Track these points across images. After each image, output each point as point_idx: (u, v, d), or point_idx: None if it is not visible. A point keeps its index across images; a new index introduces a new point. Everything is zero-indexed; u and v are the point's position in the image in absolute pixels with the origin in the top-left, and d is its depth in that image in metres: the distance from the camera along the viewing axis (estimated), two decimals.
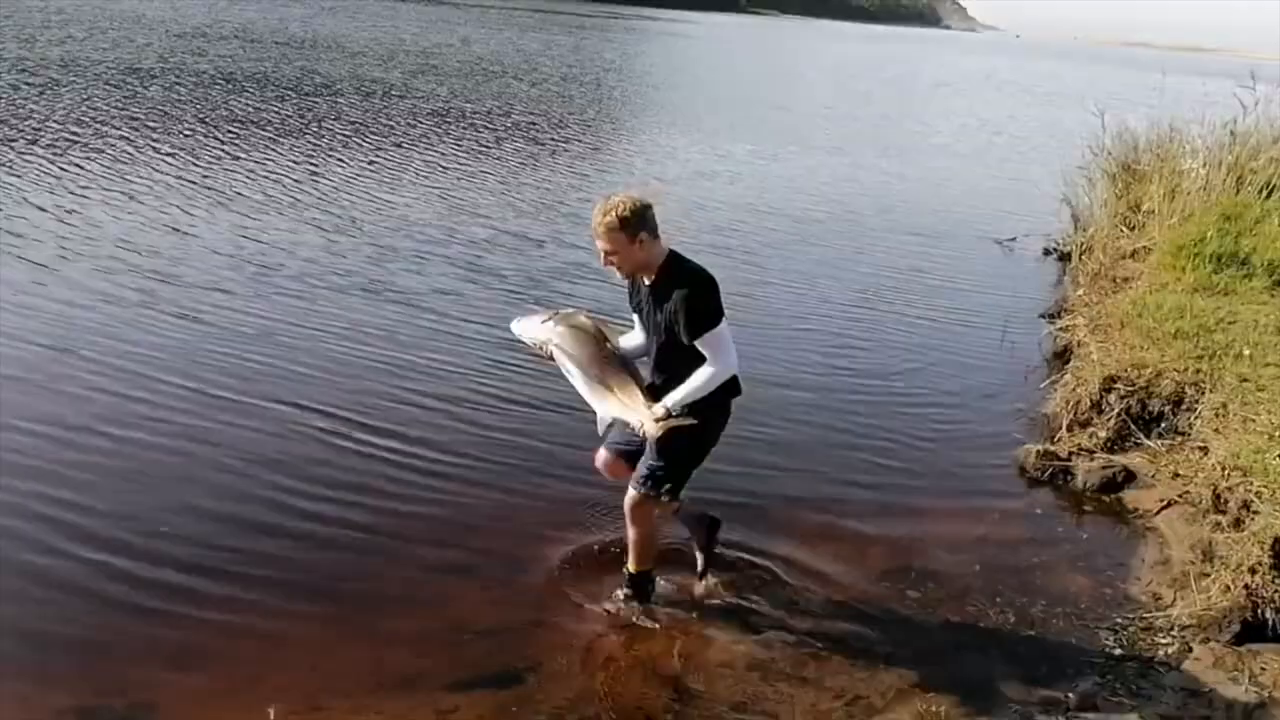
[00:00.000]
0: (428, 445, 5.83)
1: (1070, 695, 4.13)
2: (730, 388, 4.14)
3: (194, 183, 12.03)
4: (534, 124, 19.85)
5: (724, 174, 16.19)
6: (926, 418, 7.07)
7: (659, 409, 4.00)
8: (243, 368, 6.71)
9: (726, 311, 4.04)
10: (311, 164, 13.85)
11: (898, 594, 4.85)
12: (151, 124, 15.47)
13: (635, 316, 4.30)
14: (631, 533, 4.39)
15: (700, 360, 3.99)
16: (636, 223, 3.91)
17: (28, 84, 18.00)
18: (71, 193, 10.93)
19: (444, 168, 14.53)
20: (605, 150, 18.45)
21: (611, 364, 4.14)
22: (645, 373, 4.25)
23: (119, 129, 14.77)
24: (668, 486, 4.19)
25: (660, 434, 3.99)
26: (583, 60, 37.56)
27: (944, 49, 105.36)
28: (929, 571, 5.05)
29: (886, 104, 33.28)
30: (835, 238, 12.57)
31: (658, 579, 4.58)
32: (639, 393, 4.09)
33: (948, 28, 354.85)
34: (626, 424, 4.10)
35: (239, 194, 11.68)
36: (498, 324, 7.06)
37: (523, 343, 4.35)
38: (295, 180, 12.69)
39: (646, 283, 4.11)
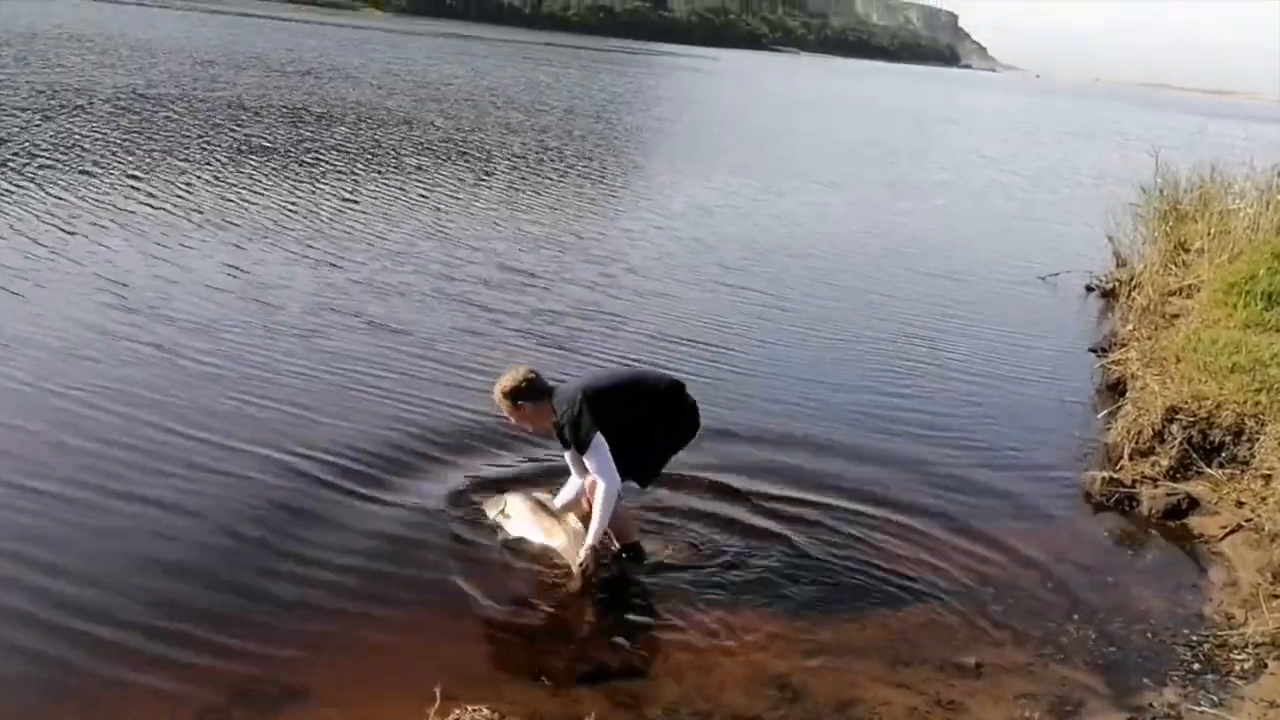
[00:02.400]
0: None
1: (1154, 704, 4.35)
2: (672, 403, 5.16)
3: (191, 213, 11.78)
4: (534, 157, 19.69)
5: (739, 209, 16.19)
6: (989, 446, 7.28)
7: (583, 554, 4.89)
8: (249, 412, 6.56)
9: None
10: (313, 194, 13.73)
11: (981, 609, 5.07)
12: (152, 151, 15.40)
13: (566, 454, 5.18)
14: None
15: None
16: (513, 394, 4.93)
17: (34, 109, 18.16)
18: (62, 223, 10.65)
19: (445, 201, 14.31)
20: (606, 184, 18.09)
21: (546, 521, 5.18)
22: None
23: (119, 156, 14.75)
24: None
25: (584, 573, 4.91)
26: (591, 93, 37.94)
27: (960, 88, 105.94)
28: (1008, 589, 5.28)
29: (893, 140, 33.50)
30: (858, 279, 12.30)
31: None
32: (565, 539, 5.07)
33: (968, 67, 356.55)
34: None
35: (235, 224, 11.47)
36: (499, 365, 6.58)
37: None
38: (292, 210, 12.53)
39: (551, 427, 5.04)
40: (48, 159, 13.91)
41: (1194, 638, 4.96)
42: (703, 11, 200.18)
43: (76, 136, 15.83)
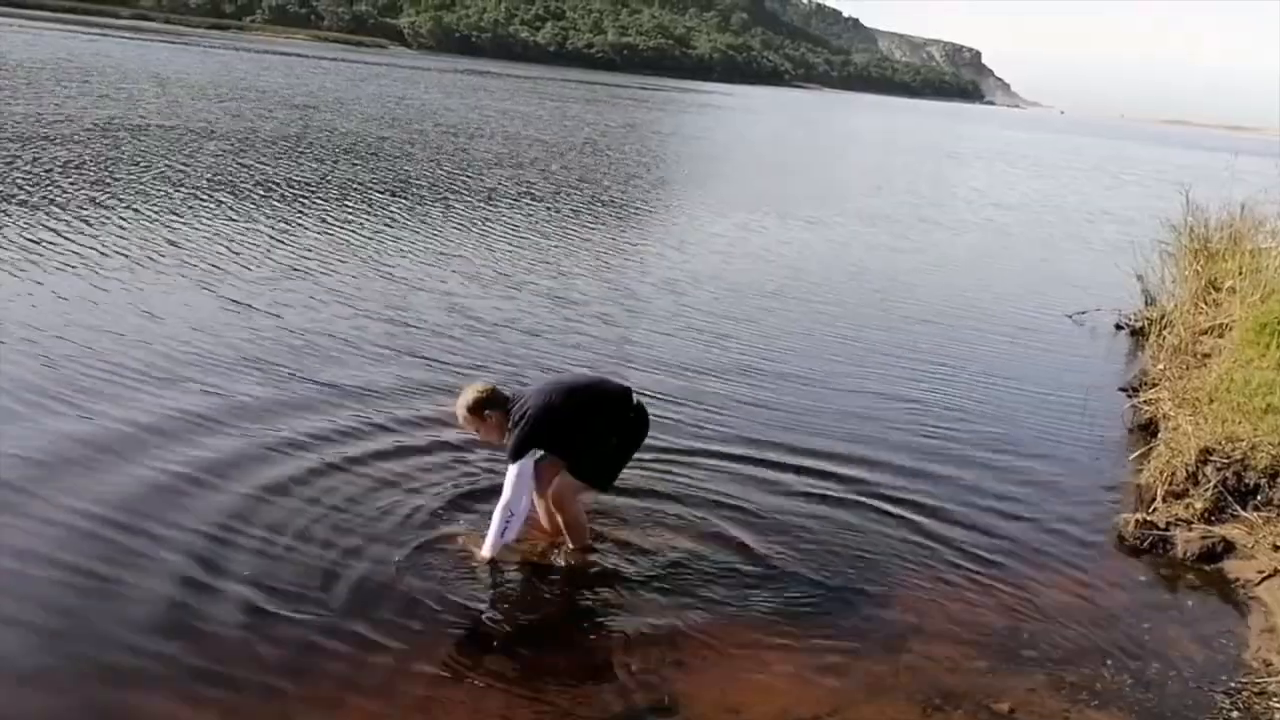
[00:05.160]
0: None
1: None
2: (625, 409, 5.30)
3: (125, 250, 11.15)
4: (508, 191, 19.05)
5: (728, 246, 15.76)
6: (1020, 488, 7.15)
7: (484, 552, 5.15)
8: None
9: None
10: (265, 232, 13.02)
11: (1013, 654, 5.01)
12: (112, 183, 15.05)
13: None
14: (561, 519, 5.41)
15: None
16: (478, 406, 5.12)
17: (16, 139, 18.06)
18: None
19: (404, 239, 13.62)
20: (578, 221, 16.96)
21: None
22: None
23: (75, 189, 14.27)
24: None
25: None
26: (584, 127, 37.54)
27: (975, 123, 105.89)
28: (1042, 633, 5.22)
29: (905, 176, 33.20)
30: (875, 318, 12.04)
31: None
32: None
33: (990, 103, 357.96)
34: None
35: (172, 264, 10.83)
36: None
37: None
38: (236, 249, 11.80)
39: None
40: None
41: (1232, 684, 4.88)
42: (725, 48, 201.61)
43: (42, 168, 15.49)
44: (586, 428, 5.21)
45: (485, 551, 5.12)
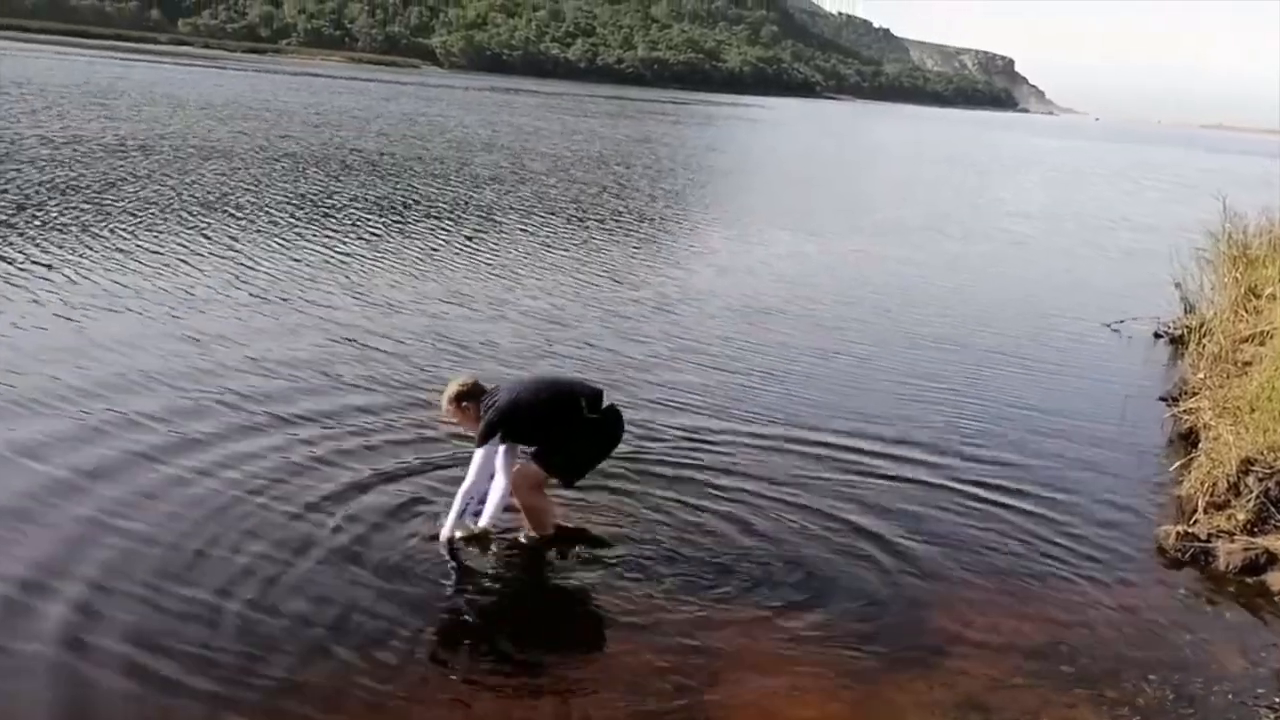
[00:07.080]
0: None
1: None
2: (595, 412, 5.60)
3: (80, 272, 10.98)
4: (502, 207, 18.86)
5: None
6: (1060, 499, 7.07)
7: (445, 530, 5.58)
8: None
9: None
10: (234, 252, 12.77)
11: (1053, 668, 4.95)
12: (93, 201, 15.24)
13: None
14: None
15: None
16: (458, 397, 5.62)
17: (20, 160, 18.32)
18: None
19: (384, 259, 13.34)
20: (571, 237, 16.64)
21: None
22: None
23: (50, 206, 14.52)
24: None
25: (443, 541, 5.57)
26: (594, 141, 37.44)
27: (1006, 131, 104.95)
28: (1082, 647, 5.15)
29: (933, 187, 33.05)
30: (908, 328, 12.03)
31: None
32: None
33: (1025, 111, 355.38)
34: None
35: (126, 285, 10.60)
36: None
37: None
38: (199, 269, 11.60)
39: None
40: None
41: (1276, 699, 4.79)
42: (755, 61, 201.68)
43: (37, 188, 15.69)
44: (558, 422, 5.56)
45: (444, 532, 5.54)
